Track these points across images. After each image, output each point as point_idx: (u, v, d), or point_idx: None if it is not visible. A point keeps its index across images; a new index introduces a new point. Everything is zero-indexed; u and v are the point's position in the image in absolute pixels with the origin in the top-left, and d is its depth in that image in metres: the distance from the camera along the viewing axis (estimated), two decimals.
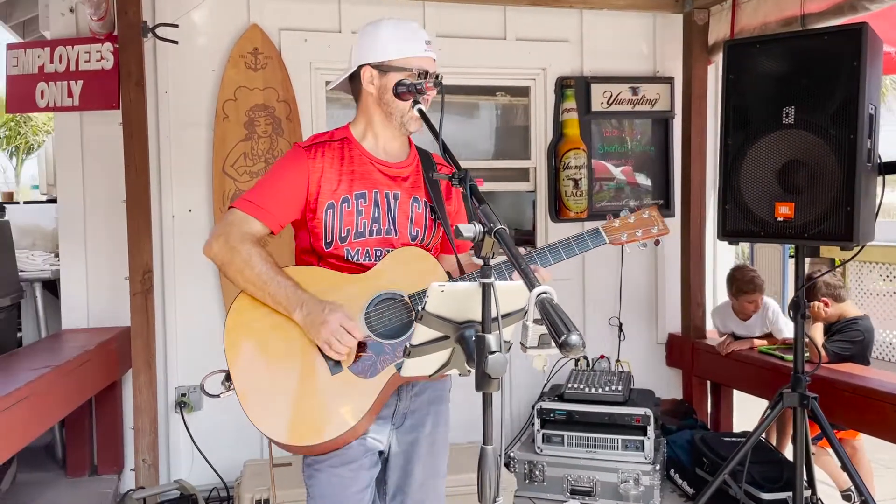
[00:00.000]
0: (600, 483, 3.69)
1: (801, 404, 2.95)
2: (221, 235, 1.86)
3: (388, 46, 1.91)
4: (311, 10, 3.96)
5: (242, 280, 1.84)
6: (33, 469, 3.76)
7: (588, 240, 2.00)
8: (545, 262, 1.96)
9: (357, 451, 1.91)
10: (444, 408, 2.12)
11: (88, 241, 3.78)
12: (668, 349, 4.57)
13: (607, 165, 4.52)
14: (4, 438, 2.37)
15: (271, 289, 1.82)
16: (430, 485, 2.07)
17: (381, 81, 1.93)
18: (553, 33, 4.30)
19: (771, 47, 2.89)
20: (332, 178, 1.92)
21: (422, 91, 1.83)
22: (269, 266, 1.83)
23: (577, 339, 1.14)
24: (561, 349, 1.14)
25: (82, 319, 3.77)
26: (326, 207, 1.90)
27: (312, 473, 1.91)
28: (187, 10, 3.79)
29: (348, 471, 1.90)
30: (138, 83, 3.49)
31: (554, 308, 1.17)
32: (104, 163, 3.71)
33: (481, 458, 1.31)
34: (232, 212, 1.89)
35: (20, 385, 2.54)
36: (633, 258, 4.45)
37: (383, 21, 1.98)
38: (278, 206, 1.89)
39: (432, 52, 1.95)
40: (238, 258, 1.84)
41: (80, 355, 3.09)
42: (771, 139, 2.88)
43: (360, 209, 1.92)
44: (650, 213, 2.04)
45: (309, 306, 1.79)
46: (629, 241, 2.04)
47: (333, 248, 1.91)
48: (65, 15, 3.66)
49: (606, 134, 4.44)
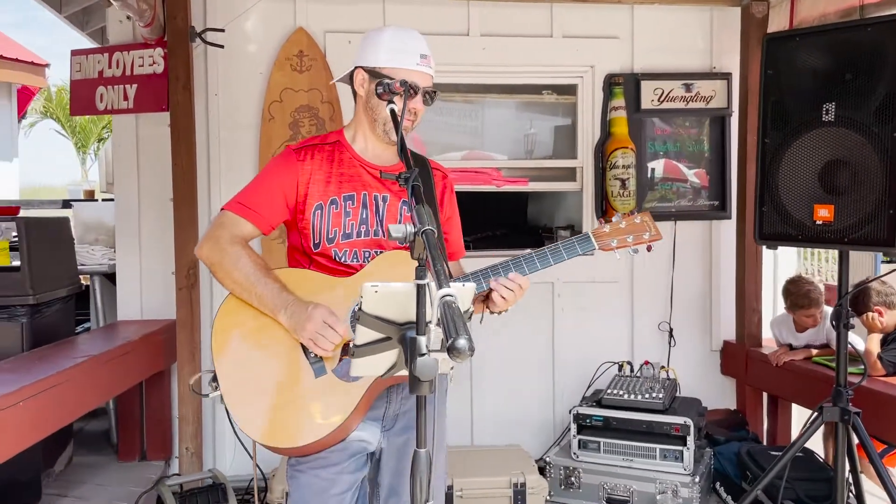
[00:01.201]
0: (637, 493, 3.58)
1: (842, 419, 2.78)
2: (212, 237, 1.91)
3: (381, 54, 1.93)
4: (356, 12, 4.01)
5: (230, 281, 1.89)
6: (90, 452, 3.98)
7: (577, 245, 1.95)
8: (532, 267, 1.92)
9: (341, 454, 1.91)
10: (441, 407, 2.10)
11: (142, 237, 3.97)
12: (722, 357, 4.39)
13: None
14: (36, 421, 2.52)
15: (258, 290, 1.85)
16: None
17: (369, 86, 1.94)
18: (602, 30, 4.20)
19: (811, 40, 2.73)
20: (321, 179, 1.94)
21: (394, 92, 1.82)
22: (258, 268, 1.87)
23: (464, 343, 1.10)
24: (448, 353, 1.11)
25: (136, 311, 3.97)
26: (314, 209, 1.93)
27: (294, 474, 1.94)
28: (236, 15, 3.92)
29: (329, 473, 1.91)
30: (185, 86, 3.64)
31: (452, 311, 1.14)
32: (157, 162, 3.89)
33: (414, 461, 1.29)
34: (223, 214, 1.95)
35: (56, 371, 2.70)
36: (685, 261, 4.31)
37: (387, 28, 2.00)
38: (268, 208, 1.93)
39: (427, 67, 1.94)
40: (227, 260, 1.88)
41: (121, 346, 3.25)
42: (810, 138, 2.72)
43: (348, 211, 1.94)
44: (642, 218, 1.97)
45: (293, 307, 1.81)
46: (619, 247, 1.97)
47: (321, 248, 1.93)
48: (122, 22, 3.85)
49: (657, 132, 4.30)
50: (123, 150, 3.99)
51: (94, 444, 4.14)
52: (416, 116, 1.95)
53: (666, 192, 4.33)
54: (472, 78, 4.25)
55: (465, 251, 2.19)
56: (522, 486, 3.50)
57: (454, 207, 2.12)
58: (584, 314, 4.27)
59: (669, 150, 4.32)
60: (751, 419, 4.18)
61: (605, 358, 4.11)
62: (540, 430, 4.24)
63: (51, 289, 3.42)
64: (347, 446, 1.91)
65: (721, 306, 4.36)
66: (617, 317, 4.31)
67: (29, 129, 18.22)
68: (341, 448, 1.90)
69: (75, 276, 3.79)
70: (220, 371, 1.86)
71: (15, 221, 3.44)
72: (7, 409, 2.33)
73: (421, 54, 1.91)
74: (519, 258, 1.93)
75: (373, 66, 1.92)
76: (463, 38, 4.10)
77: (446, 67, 4.09)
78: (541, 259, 1.92)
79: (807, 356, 3.75)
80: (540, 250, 1.94)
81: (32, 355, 3.06)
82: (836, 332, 2.82)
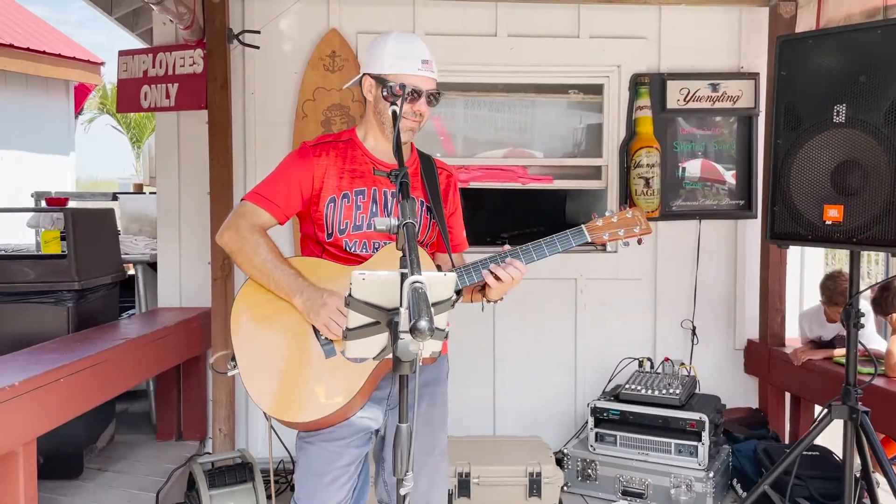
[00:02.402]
0: (652, 486, 3.65)
1: (851, 418, 2.80)
2: (233, 226, 2.07)
3: (385, 60, 2.04)
4: (387, 13, 4.15)
5: (250, 266, 2.03)
6: (131, 431, 4.22)
7: (570, 237, 2.05)
8: (528, 259, 2.03)
9: (347, 429, 2.05)
10: (440, 389, 2.22)
11: (182, 229, 4.18)
12: (746, 356, 4.40)
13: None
14: (75, 398, 2.72)
15: (275, 275, 1.99)
16: (426, 461, 2.16)
17: (376, 91, 2.06)
18: (629, 30, 4.25)
19: (823, 42, 2.76)
20: (334, 174, 2.08)
21: (397, 95, 1.93)
22: (275, 255, 2.02)
23: (425, 324, 1.22)
24: (410, 333, 1.23)
25: (175, 298, 4.18)
26: (328, 202, 2.07)
27: (303, 446, 2.09)
28: (273, 17, 4.09)
29: (336, 446, 2.05)
30: (223, 85, 3.83)
31: (419, 296, 1.25)
32: (196, 158, 4.08)
33: (396, 436, 1.41)
34: (243, 204, 2.10)
35: (95, 352, 2.90)
36: (710, 259, 4.34)
37: (390, 35, 2.11)
38: (284, 200, 2.07)
39: (428, 71, 2.05)
40: (247, 246, 2.03)
41: (157, 331, 3.45)
42: (822, 139, 2.75)
43: (359, 204, 2.07)
44: (634, 212, 2.06)
45: (308, 292, 1.95)
46: (611, 240, 2.07)
47: (333, 238, 2.07)
48: (166, 24, 4.06)
49: (683, 132, 4.33)
50: (165, 145, 4.21)
51: (136, 423, 4.38)
52: (422, 118, 2.06)
53: (695, 192, 4.36)
54: (499, 77, 4.35)
55: (468, 244, 2.31)
56: (538, 475, 3.60)
57: (458, 203, 2.25)
58: (607, 310, 4.33)
59: (696, 150, 4.35)
60: (772, 418, 4.19)
61: (627, 354, 4.17)
62: (561, 422, 4.32)
63: (95, 276, 3.64)
64: (354, 423, 2.05)
65: (745, 305, 4.38)
66: (640, 314, 4.36)
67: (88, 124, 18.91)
68: (348, 424, 2.04)
69: (119, 264, 4.01)
70: (237, 350, 2.01)
71: (63, 213, 3.67)
72: (48, 385, 2.53)
73: (422, 59, 2.02)
74: (517, 249, 2.03)
75: (378, 72, 2.05)
76: (491, 39, 4.20)
77: (474, 67, 4.25)
78: (537, 251, 2.02)
79: (827, 356, 3.76)
80: (536, 243, 2.04)
81: (75, 337, 3.28)
82: (846, 331, 2.84)
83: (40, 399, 2.49)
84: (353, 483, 2.07)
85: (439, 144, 4.44)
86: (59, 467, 3.36)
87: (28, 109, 9.05)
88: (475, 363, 4.27)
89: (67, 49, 9.21)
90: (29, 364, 2.63)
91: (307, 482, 2.05)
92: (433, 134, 4.43)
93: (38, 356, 2.78)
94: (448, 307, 1.45)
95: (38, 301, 3.46)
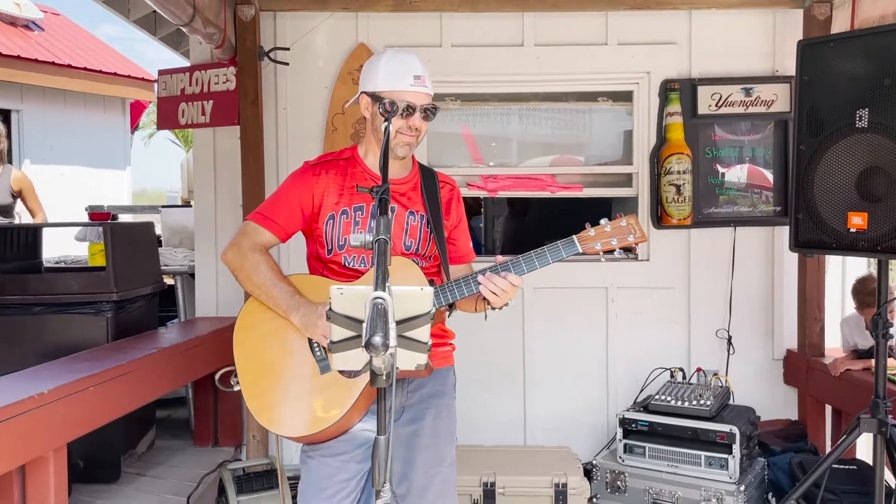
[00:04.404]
0: (682, 499, 3.59)
1: (880, 431, 2.71)
2: (235, 245, 2.14)
3: (378, 78, 2.09)
4: (414, 27, 4.20)
5: (250, 284, 2.10)
6: (171, 437, 4.35)
7: (561, 248, 2.05)
8: (519, 271, 2.02)
9: (348, 444, 2.09)
10: (445, 401, 2.24)
11: (218, 241, 4.31)
12: (785, 366, 4.28)
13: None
14: (105, 405, 2.84)
15: (273, 293, 2.06)
16: (433, 472, 2.18)
17: (372, 108, 2.11)
18: (658, 36, 4.21)
19: (846, 45, 2.70)
20: (334, 192, 2.14)
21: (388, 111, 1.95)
22: (274, 274, 2.09)
23: (379, 339, 1.24)
24: (365, 347, 1.26)
25: (212, 308, 4.31)
26: (327, 219, 2.12)
27: (305, 459, 2.14)
28: (304, 33, 4.19)
29: (337, 461, 2.09)
30: (254, 101, 3.94)
31: (378, 312, 1.28)
32: (231, 172, 4.20)
33: (374, 447, 1.44)
34: (247, 223, 2.17)
35: (127, 361, 3.02)
36: (745, 267, 4.25)
37: (385, 53, 2.16)
38: (285, 219, 2.14)
39: (421, 86, 2.08)
40: (248, 264, 2.10)
41: (190, 340, 3.56)
42: (845, 145, 2.69)
43: (358, 220, 2.12)
44: (628, 220, 2.05)
45: (304, 309, 2.01)
46: (604, 250, 2.04)
47: (333, 255, 2.12)
48: (202, 43, 4.19)
49: (715, 138, 4.25)
50: (202, 160, 4.36)
51: (176, 430, 4.51)
52: (419, 132, 2.10)
53: (730, 198, 4.28)
54: (527, 87, 4.35)
55: (474, 255, 2.33)
56: (564, 486, 3.58)
57: (461, 215, 2.27)
58: (639, 320, 4.28)
59: (731, 156, 4.27)
60: (812, 431, 4.07)
61: (659, 364, 4.11)
62: (592, 433, 4.28)
63: (134, 287, 3.78)
64: (354, 437, 2.09)
65: (784, 314, 4.26)
66: (673, 323, 4.29)
67: (148, 139, 19.60)
68: (348, 438, 2.08)
69: (158, 275, 4.15)
70: (238, 366, 2.08)
71: (102, 226, 3.83)
72: (78, 392, 2.65)
73: (415, 75, 2.06)
74: (508, 262, 2.04)
75: (373, 90, 2.09)
76: (518, 49, 4.22)
77: (502, 77, 4.27)
78: (527, 262, 2.03)
79: (866, 366, 3.63)
80: (527, 255, 2.04)
81: (111, 346, 3.42)
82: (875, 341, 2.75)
83: (70, 406, 2.60)
84: (355, 497, 2.10)
85: (467, 154, 4.47)
86: (97, 472, 3.50)
87: (86, 127, 9.45)
88: (505, 373, 4.27)
89: (123, 67, 9.59)
90: (62, 373, 2.76)
91: (309, 496, 2.10)
92: (461, 144, 4.46)
93: (72, 365, 2.92)
94: (427, 321, 1.47)
95: (80, 312, 3.61)
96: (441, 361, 2.22)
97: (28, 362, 3.08)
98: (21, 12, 8.96)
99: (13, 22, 8.87)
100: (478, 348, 3.91)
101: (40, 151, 8.90)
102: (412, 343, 1.46)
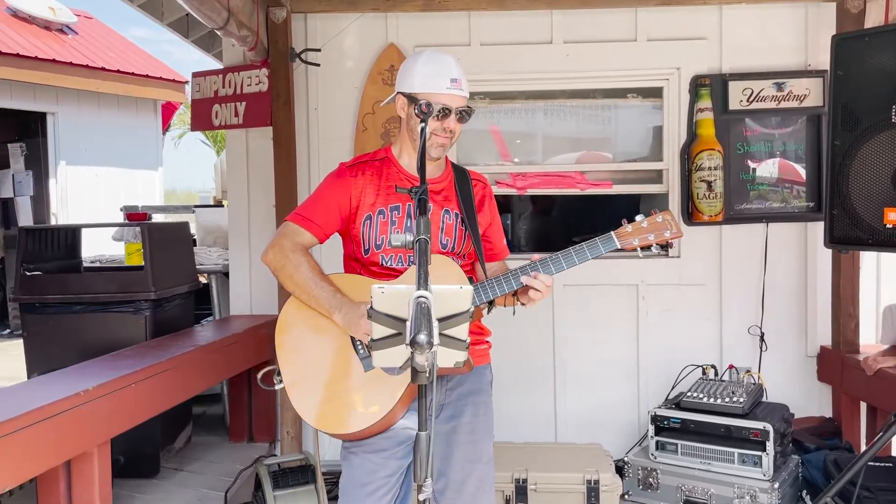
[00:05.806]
0: (715, 496, 3.57)
1: None
2: (276, 245, 2.18)
3: (416, 80, 2.12)
4: (443, 26, 4.23)
5: (292, 284, 2.14)
6: (207, 433, 4.44)
7: (599, 244, 2.06)
8: (558, 267, 2.04)
9: (389, 441, 2.12)
10: (482, 398, 2.27)
11: (251, 240, 4.38)
12: (819, 363, 4.25)
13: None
14: (146, 401, 2.91)
15: (315, 292, 2.09)
16: (470, 468, 2.21)
17: (408, 109, 2.14)
18: (688, 31, 4.19)
19: (881, 39, 2.67)
20: (371, 192, 2.17)
21: (425, 113, 1.98)
22: (315, 273, 2.12)
23: (424, 337, 1.27)
24: (410, 345, 1.29)
25: (246, 307, 4.38)
26: (364, 219, 2.15)
27: (346, 455, 2.17)
28: (334, 34, 4.24)
29: (379, 458, 2.12)
30: (286, 102, 4.00)
31: (421, 311, 1.31)
32: (263, 172, 4.27)
33: (416, 443, 1.47)
34: (286, 224, 2.21)
35: (167, 358, 3.09)
36: (778, 263, 4.21)
37: (422, 54, 2.18)
38: (324, 219, 2.17)
39: (457, 89, 2.10)
40: (289, 265, 2.13)
41: (226, 338, 3.63)
42: (880, 140, 2.66)
43: (394, 220, 2.15)
44: (664, 216, 2.06)
45: (346, 308, 2.04)
46: (642, 245, 2.06)
47: (370, 255, 2.16)
48: (234, 46, 4.25)
49: (747, 133, 4.22)
50: (235, 161, 4.43)
51: (212, 426, 4.60)
52: (453, 134, 2.12)
53: (762, 193, 4.25)
54: (556, 84, 4.35)
55: (508, 251, 2.35)
56: (596, 483, 3.59)
57: (494, 213, 2.29)
58: (670, 317, 4.27)
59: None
60: (847, 428, 4.03)
61: (691, 361, 4.09)
62: (624, 430, 4.28)
63: (171, 285, 3.87)
64: (395, 434, 2.12)
65: (818, 310, 4.22)
66: (704, 320, 4.28)
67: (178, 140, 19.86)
68: (390, 435, 2.11)
69: (194, 274, 4.24)
70: (282, 365, 2.12)
71: (140, 227, 3.91)
72: (121, 389, 2.72)
73: (451, 78, 2.08)
74: (546, 259, 2.06)
75: (409, 91, 2.12)
76: (546, 46, 4.22)
77: (531, 75, 4.28)
78: (566, 259, 2.04)
79: None
80: (566, 251, 2.06)
81: (150, 344, 3.50)
82: None
83: (113, 402, 2.68)
84: (395, 493, 2.14)
85: (495, 152, 4.49)
86: (137, 467, 3.58)
87: (120, 128, 9.63)
88: (536, 370, 4.29)
89: (154, 69, 9.75)
90: (104, 370, 2.83)
91: (349, 492, 2.14)
92: (489, 142, 4.48)
93: (114, 362, 2.99)
94: (466, 319, 1.50)
95: (119, 310, 3.70)
96: (479, 359, 2.25)
97: (69, 360, 3.17)
98: (55, 17, 9.14)
99: (48, 26, 9.05)
100: (509, 345, 3.93)
101: (75, 153, 9.09)
102: (451, 341, 1.48)
